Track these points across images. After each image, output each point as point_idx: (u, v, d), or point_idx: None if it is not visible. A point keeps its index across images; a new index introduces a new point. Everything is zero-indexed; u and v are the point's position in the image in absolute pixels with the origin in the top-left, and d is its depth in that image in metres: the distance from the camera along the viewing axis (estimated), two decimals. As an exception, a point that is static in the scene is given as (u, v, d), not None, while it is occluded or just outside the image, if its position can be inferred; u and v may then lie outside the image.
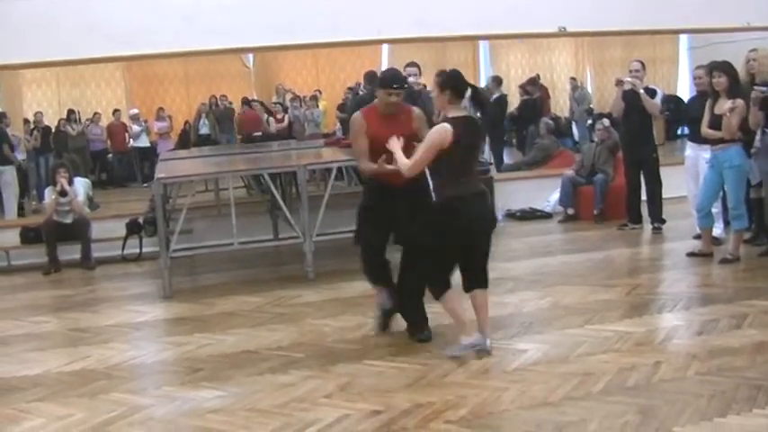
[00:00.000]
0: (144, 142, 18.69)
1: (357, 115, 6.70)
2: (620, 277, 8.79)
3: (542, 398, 5.42)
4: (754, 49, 9.42)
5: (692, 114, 9.76)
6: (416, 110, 6.78)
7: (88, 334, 7.67)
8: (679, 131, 19.36)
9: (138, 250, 11.00)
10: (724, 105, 8.66)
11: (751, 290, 7.81)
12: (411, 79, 10.31)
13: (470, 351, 6.27)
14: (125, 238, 11.02)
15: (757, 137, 8.81)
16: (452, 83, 6.25)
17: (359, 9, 11.94)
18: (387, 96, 6.54)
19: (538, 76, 20.78)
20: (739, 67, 9.11)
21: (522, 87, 18.89)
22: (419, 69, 10.48)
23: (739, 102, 8.60)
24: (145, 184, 16.04)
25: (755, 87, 8.36)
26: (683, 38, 20.02)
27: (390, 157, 6.26)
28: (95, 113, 19.28)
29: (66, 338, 7.58)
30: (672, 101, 11.65)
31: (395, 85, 6.54)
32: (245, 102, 18.22)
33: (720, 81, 8.70)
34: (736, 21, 13.03)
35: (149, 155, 17.92)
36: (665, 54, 21.48)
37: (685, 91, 17.04)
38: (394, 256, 6.77)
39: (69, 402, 5.83)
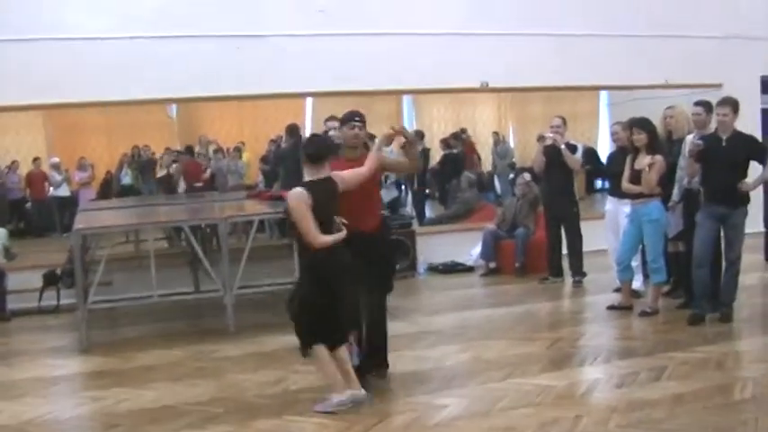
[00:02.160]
0: (64, 191, 18.38)
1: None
2: (541, 331, 8.85)
3: (464, 453, 5.40)
4: (671, 107, 9.65)
5: (612, 169, 9.93)
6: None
7: (1, 388, 7.45)
8: (600, 185, 19.70)
9: (55, 302, 10.75)
10: (644, 161, 8.82)
11: (669, 342, 7.91)
12: (332, 133, 10.37)
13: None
14: (42, 290, 10.78)
15: (675, 190, 8.99)
16: (307, 149, 6.43)
17: (283, 63, 11.99)
18: (350, 130, 6.72)
19: (462, 130, 21.01)
20: (657, 123, 9.31)
21: (445, 141, 19.09)
22: (339, 123, 10.53)
23: (658, 158, 8.78)
24: (64, 235, 15.77)
25: (692, 140, 8.53)
26: (604, 94, 20.43)
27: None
28: (14, 161, 18.96)
29: (-22, 393, 7.36)
30: (591, 154, 11.82)
31: (356, 118, 6.73)
32: (188, 151, 18.03)
33: (640, 138, 8.87)
34: (655, 78, 13.34)
35: (69, 204, 17.61)
36: (585, 109, 21.87)
37: (605, 145, 17.32)
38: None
39: (-21, 460, 5.66)
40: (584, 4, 13.23)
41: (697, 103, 8.97)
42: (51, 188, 18.56)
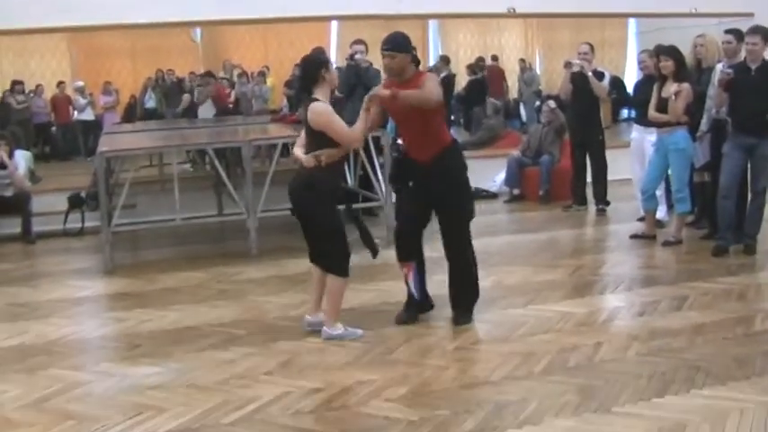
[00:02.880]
0: (89, 116, 18.42)
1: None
2: (563, 258, 8.84)
3: (483, 377, 5.43)
4: (702, 35, 9.49)
5: (639, 97, 9.83)
6: (430, 74, 6.86)
7: (27, 309, 7.54)
8: (625, 114, 19.53)
9: (79, 225, 10.82)
10: (670, 89, 8.71)
11: (692, 272, 7.89)
12: (358, 56, 10.32)
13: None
14: (67, 213, 10.84)
15: (703, 120, 8.87)
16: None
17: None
18: (383, 60, 6.44)
19: (494, 57, 20.84)
20: (686, 52, 9.17)
21: (470, 67, 18.94)
22: (366, 47, 10.45)
23: (685, 85, 8.66)
24: (88, 158, 15.83)
25: (721, 69, 8.41)
26: (632, 22, 20.17)
27: None
28: (38, 85, 18.97)
29: (5, 313, 7.43)
30: (618, 83, 11.71)
31: (384, 47, 6.38)
32: (210, 75, 17.94)
33: (667, 65, 8.76)
34: (684, 6, 13.12)
35: (94, 128, 17.67)
36: (613, 37, 21.63)
37: (633, 74, 17.14)
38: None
39: (6, 378, 5.73)
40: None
41: (728, 31, 8.81)
42: (76, 112, 18.59)
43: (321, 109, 6.09)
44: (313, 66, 6.31)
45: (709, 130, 8.85)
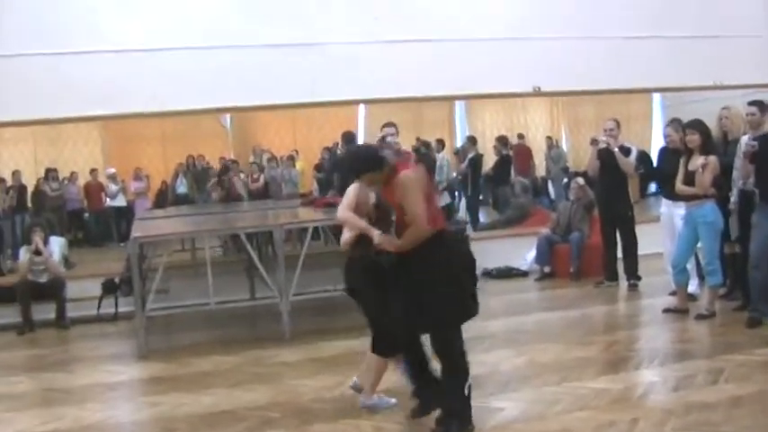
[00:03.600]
0: (121, 201, 18.68)
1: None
2: (596, 334, 8.81)
3: (521, 455, 5.41)
4: (727, 107, 9.56)
5: (666, 171, 9.86)
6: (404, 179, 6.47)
7: (63, 394, 7.59)
8: (654, 188, 19.53)
9: (113, 310, 10.91)
10: (697, 162, 8.77)
11: (726, 345, 7.84)
12: (389, 139, 10.40)
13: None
14: (100, 298, 10.94)
15: (733, 193, 8.91)
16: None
17: (336, 70, 12.02)
18: None
19: (520, 135, 20.99)
20: (712, 124, 9.24)
21: (495, 147, 19.06)
22: (396, 129, 10.57)
23: (712, 158, 8.72)
24: (121, 244, 16.00)
25: (746, 142, 8.48)
26: (657, 96, 20.28)
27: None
28: (72, 173, 19.29)
29: (41, 398, 7.50)
30: (645, 157, 11.76)
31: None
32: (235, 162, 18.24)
33: (693, 138, 8.83)
34: (707, 80, 13.22)
35: (126, 214, 17.90)
36: (638, 111, 21.74)
37: (659, 148, 17.20)
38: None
39: (43, 464, 5.77)
40: (633, 7, 13.14)
41: (751, 103, 8.89)
42: (108, 198, 18.84)
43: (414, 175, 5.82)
44: (373, 151, 6.02)
45: (738, 202, 8.87)
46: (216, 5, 11.70)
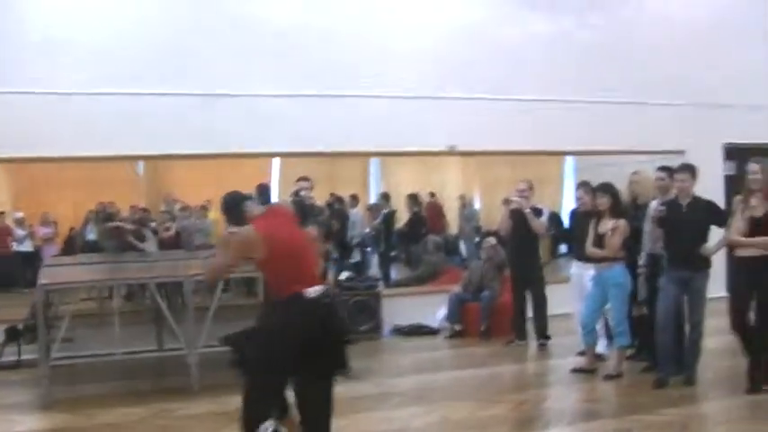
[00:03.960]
0: (28, 247, 18.26)
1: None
2: (506, 393, 8.85)
3: None
4: (636, 172, 9.80)
5: (577, 233, 10.01)
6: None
7: (-40, 445, 7.36)
8: (564, 249, 19.78)
9: (16, 357, 10.61)
10: (607, 225, 8.94)
11: (634, 405, 7.95)
12: (303, 193, 10.40)
13: None
14: (3, 345, 10.63)
15: (641, 256, 9.09)
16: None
17: (250, 123, 12.02)
18: None
19: (432, 194, 21.11)
20: (622, 188, 9.44)
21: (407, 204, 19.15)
22: (311, 183, 10.59)
23: (621, 221, 8.91)
24: (26, 290, 15.61)
25: (654, 207, 8.69)
26: (569, 159, 20.62)
27: None
28: (-20, 217, 18.83)
29: (-64, 450, 7.24)
30: (555, 219, 11.92)
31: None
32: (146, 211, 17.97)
33: (603, 201, 9.02)
34: (619, 144, 13.52)
35: (33, 259, 17.49)
36: (551, 173, 22.01)
37: (570, 209, 17.47)
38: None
39: None
40: (550, 71, 13.43)
41: (660, 169, 9.14)
42: (14, 243, 18.42)
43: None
44: (235, 202, 6.16)
45: (647, 265, 9.05)
46: (129, 51, 11.61)
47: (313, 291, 5.86)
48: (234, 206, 6.09)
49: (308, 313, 5.84)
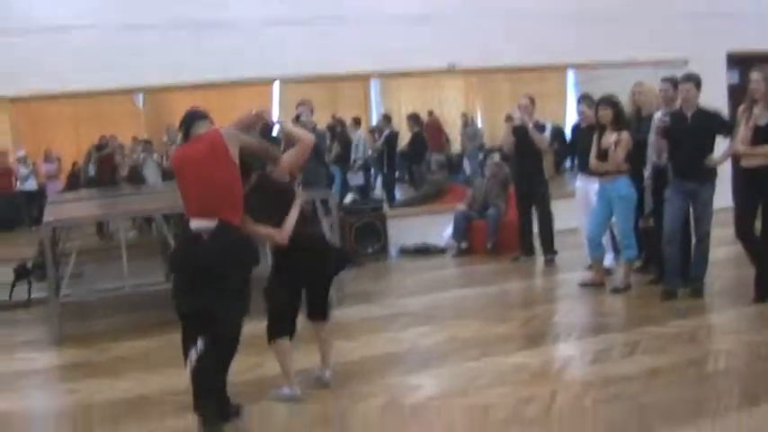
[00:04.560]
0: (32, 185, 18.21)
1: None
2: (514, 309, 8.89)
3: (442, 432, 5.42)
4: (639, 83, 9.69)
5: (581, 147, 9.96)
6: None
7: (-25, 383, 7.41)
8: (569, 164, 19.71)
9: (27, 295, 10.66)
10: (610, 138, 8.87)
11: (642, 317, 7.97)
12: (303, 117, 10.35)
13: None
14: (13, 284, 10.68)
15: (647, 168, 9.04)
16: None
17: (249, 50, 11.94)
18: None
19: (430, 112, 20.97)
20: (625, 100, 9.35)
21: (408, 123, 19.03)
22: (311, 108, 10.51)
23: (624, 134, 8.83)
24: (33, 228, 15.63)
25: (659, 118, 8.61)
26: (571, 73, 20.44)
27: None
28: (-19, 156, 18.77)
29: (-49, 389, 7.29)
30: (558, 134, 11.84)
31: None
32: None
33: (605, 114, 8.93)
34: (621, 55, 13.37)
35: (37, 197, 17.47)
36: (552, 88, 21.78)
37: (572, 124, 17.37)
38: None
39: (-45, 456, 5.62)
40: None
41: (664, 80, 9.04)
42: (18, 182, 18.39)
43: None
44: (187, 118, 6.14)
45: (652, 177, 9.01)
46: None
47: (195, 224, 5.70)
48: (183, 122, 6.08)
49: (183, 247, 5.87)
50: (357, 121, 18.33)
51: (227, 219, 5.63)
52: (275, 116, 15.54)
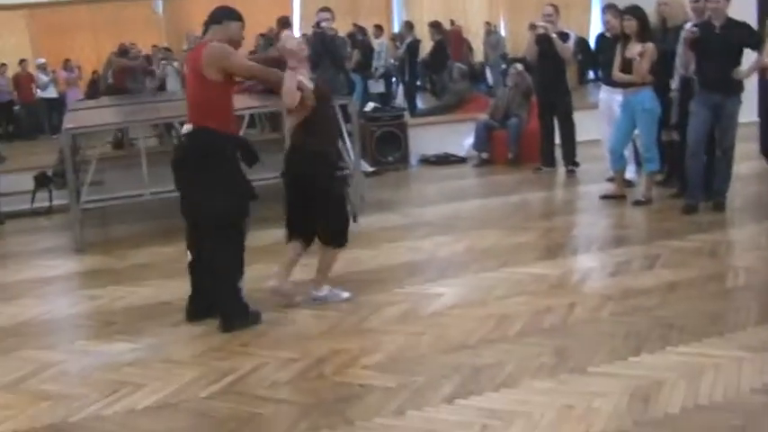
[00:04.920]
0: (52, 93, 18.23)
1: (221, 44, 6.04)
2: (534, 220, 8.87)
3: (459, 341, 5.44)
4: (665, -6, 9.48)
5: (605, 58, 9.82)
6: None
7: (-3, 290, 7.48)
8: (592, 75, 19.52)
9: (47, 203, 10.71)
10: (634, 49, 8.73)
11: (663, 231, 7.94)
12: (324, 24, 10.24)
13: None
14: (34, 192, 10.72)
15: (674, 80, 8.90)
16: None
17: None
18: (241, 30, 6.27)
19: (452, 22, 20.77)
20: (650, 11, 9.18)
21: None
22: (332, 15, 10.39)
23: (649, 45, 8.68)
24: (53, 136, 15.67)
25: (686, 28, 8.46)
26: (595, -19, 20.15)
27: None
28: (1, 64, 18.73)
29: (-27, 295, 7.37)
30: (582, 45, 11.68)
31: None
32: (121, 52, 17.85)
33: (630, 24, 8.77)
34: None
35: (57, 106, 17.49)
36: (577, -2, 21.59)
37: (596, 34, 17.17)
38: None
39: (-22, 360, 5.69)
40: None
41: None
42: (39, 90, 18.39)
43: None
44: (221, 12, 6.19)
45: (679, 89, 8.88)
46: None
47: (184, 128, 6.17)
48: (204, 22, 6.23)
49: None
50: (379, 29, 18.19)
51: (202, 124, 5.92)
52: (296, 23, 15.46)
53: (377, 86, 16.75)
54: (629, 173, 9.79)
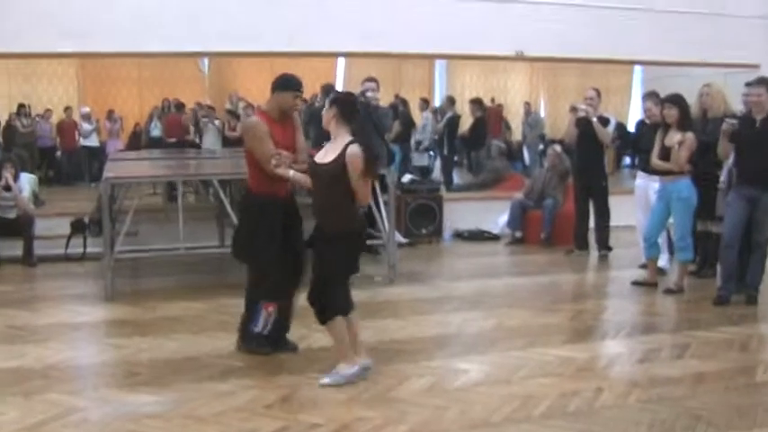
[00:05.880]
0: (94, 142, 18.47)
1: (257, 119, 6.60)
2: (564, 302, 8.83)
3: (483, 419, 5.41)
4: (708, 84, 9.53)
5: (643, 145, 9.85)
6: (296, 118, 6.88)
7: (25, 332, 7.51)
8: (628, 161, 19.56)
9: (81, 250, 10.81)
10: (674, 138, 8.75)
11: (693, 321, 7.90)
12: (369, 94, 10.33)
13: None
14: (69, 237, 10.83)
15: (722, 172, 8.91)
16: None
17: (317, 21, 11.93)
18: (293, 100, 6.53)
19: (492, 99, 20.91)
20: (692, 101, 9.22)
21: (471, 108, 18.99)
22: (377, 84, 10.49)
23: (689, 135, 8.70)
24: (92, 184, 15.86)
25: (726, 120, 8.49)
26: (638, 69, 20.26)
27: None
28: (47, 110, 19.03)
29: (3, 335, 7.41)
30: (621, 130, 11.72)
31: (300, 89, 6.62)
32: (176, 105, 18.13)
33: (671, 113, 8.80)
34: (690, 56, 13.20)
35: (98, 154, 17.70)
36: (618, 83, 21.69)
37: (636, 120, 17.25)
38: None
39: (2, 401, 5.70)
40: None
41: (748, 84, 8.75)
42: (81, 138, 18.63)
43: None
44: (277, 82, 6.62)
45: (727, 180, 8.87)
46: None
47: None
48: (271, 87, 6.68)
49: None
50: (425, 102, 18.33)
51: (250, 185, 6.77)
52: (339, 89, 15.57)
53: (421, 159, 16.87)
54: (662, 261, 9.76)
